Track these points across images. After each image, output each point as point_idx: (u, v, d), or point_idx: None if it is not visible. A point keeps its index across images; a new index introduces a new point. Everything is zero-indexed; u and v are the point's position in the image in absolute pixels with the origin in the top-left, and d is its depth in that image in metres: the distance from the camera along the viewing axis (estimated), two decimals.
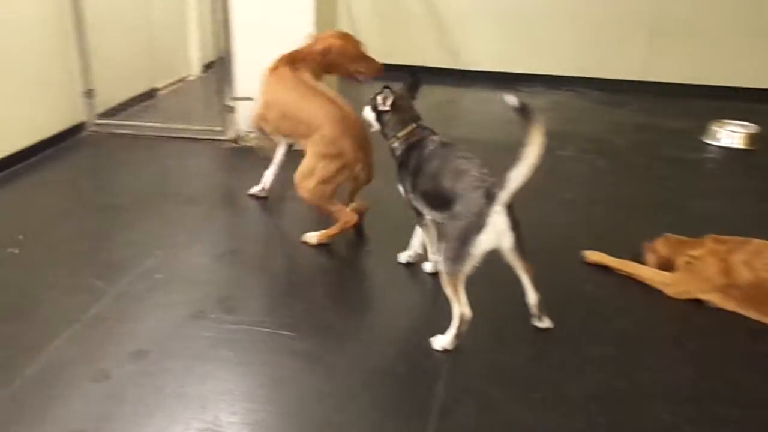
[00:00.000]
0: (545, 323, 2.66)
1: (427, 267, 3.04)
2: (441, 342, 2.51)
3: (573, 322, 2.74)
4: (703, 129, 5.15)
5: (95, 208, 3.68)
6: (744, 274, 2.78)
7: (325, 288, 3.00)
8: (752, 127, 5.10)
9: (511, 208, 2.43)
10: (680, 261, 2.99)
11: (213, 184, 4.17)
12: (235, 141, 4.70)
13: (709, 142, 5.07)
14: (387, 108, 2.86)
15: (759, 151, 4.92)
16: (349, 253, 3.34)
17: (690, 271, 2.93)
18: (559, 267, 3.17)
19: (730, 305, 2.83)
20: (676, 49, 6.34)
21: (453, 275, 2.45)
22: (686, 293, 2.92)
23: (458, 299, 2.47)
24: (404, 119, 2.86)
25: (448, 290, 2.48)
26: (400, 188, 2.88)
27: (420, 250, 3.08)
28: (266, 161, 3.79)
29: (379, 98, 2.86)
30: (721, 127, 5.09)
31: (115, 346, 2.46)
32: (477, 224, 2.38)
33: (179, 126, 4.82)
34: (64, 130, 4.60)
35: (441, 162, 2.62)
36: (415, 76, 2.97)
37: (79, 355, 2.41)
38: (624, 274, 3.08)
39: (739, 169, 4.67)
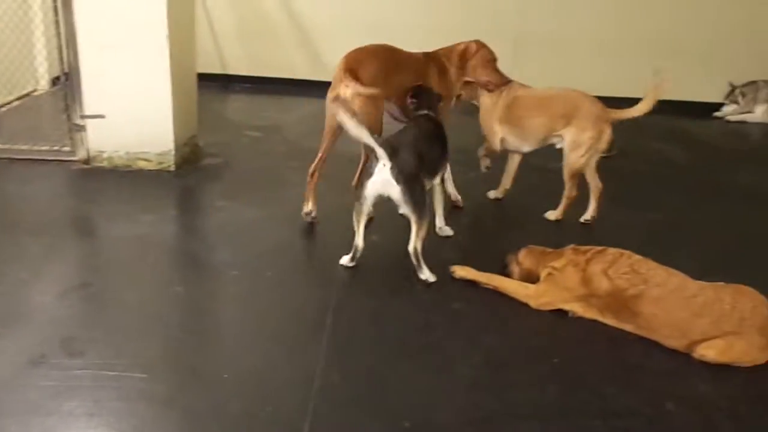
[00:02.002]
0: (424, 275, 3.10)
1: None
2: (343, 261, 3.19)
3: (443, 342, 2.71)
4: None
5: None
6: (602, 283, 2.85)
7: (184, 322, 2.81)
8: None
9: (403, 165, 2.99)
10: (543, 272, 3.03)
11: (61, 211, 3.84)
12: (86, 162, 4.38)
13: None
14: None
15: (614, 157, 5.12)
16: (209, 281, 3.16)
17: (552, 281, 2.98)
18: (426, 283, 3.14)
19: (591, 314, 2.90)
20: (539, 59, 6.54)
21: (355, 210, 3.15)
22: (549, 304, 2.96)
23: (356, 230, 3.16)
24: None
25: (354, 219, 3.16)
26: None
27: None
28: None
29: None
30: None
31: None
32: (368, 172, 3.05)
33: (22, 147, 4.44)
34: None
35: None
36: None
37: None
38: (491, 288, 3.09)
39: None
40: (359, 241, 3.17)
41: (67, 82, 4.35)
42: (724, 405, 2.43)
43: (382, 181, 3.01)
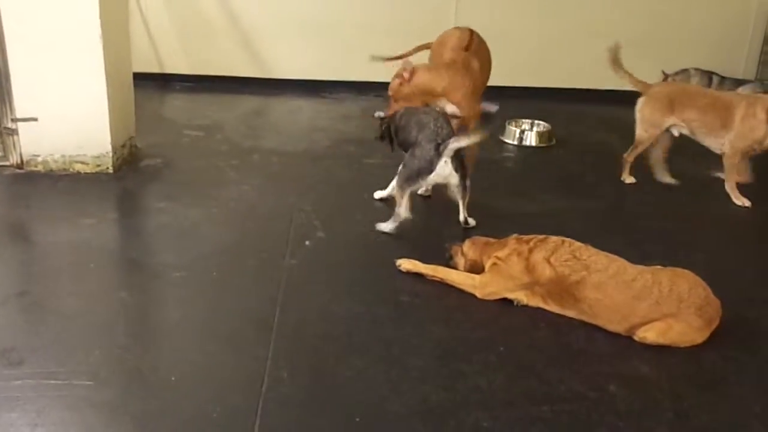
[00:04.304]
0: (472, 222, 3.72)
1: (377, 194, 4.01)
2: (383, 227, 3.57)
3: (391, 335, 2.73)
4: (502, 129, 5.40)
5: None
6: (545, 271, 2.91)
7: (128, 327, 2.76)
8: (544, 126, 5.44)
9: (459, 154, 3.48)
10: (487, 262, 3.08)
11: None
12: (19, 167, 4.25)
13: (508, 141, 5.33)
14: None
15: (551, 148, 5.25)
16: (153, 285, 3.11)
17: (496, 271, 3.02)
18: (374, 277, 3.16)
19: (535, 302, 2.96)
20: None
21: (402, 189, 3.53)
22: (495, 294, 3.01)
23: (401, 203, 3.53)
24: None
25: (396, 195, 3.57)
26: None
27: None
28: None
29: None
30: (516, 126, 5.39)
31: None
32: (428, 168, 3.45)
33: None
34: None
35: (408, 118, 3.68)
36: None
37: None
38: (437, 279, 3.12)
39: (535, 165, 4.93)
40: (404, 211, 3.55)
41: None
42: (665, 386, 2.50)
43: (444, 175, 3.51)
